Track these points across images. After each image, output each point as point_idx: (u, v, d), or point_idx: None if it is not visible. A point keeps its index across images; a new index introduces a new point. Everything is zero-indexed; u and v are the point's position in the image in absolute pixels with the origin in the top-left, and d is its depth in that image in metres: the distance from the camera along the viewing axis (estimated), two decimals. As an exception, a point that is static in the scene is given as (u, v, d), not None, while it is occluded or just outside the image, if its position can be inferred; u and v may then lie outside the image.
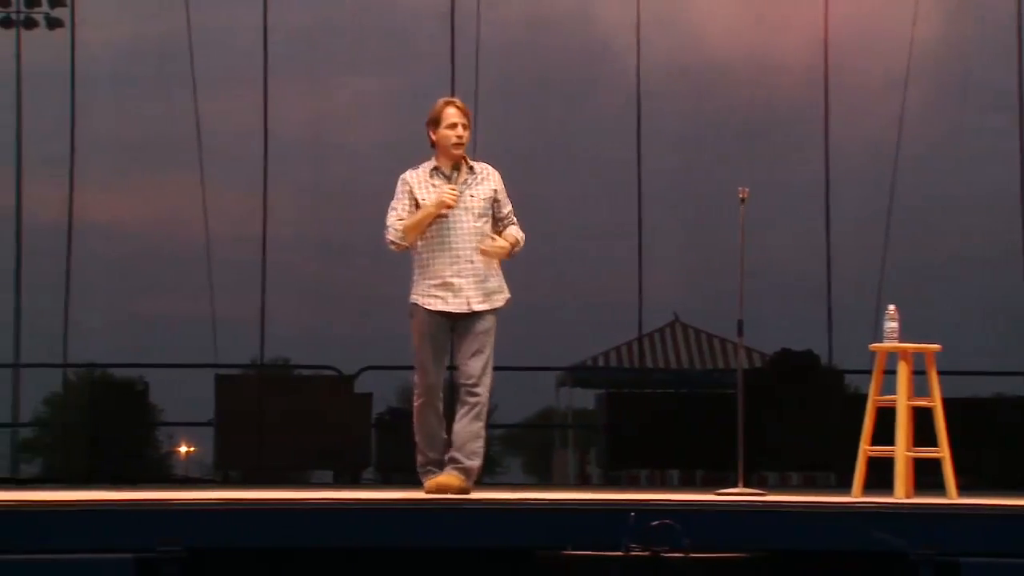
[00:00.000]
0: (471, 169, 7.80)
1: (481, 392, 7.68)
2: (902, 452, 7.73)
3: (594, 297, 15.10)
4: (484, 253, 7.71)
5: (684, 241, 14.95)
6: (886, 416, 7.83)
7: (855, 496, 7.72)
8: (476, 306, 7.71)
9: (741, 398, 8.31)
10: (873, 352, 7.95)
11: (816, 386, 13.85)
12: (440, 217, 7.66)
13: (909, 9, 14.58)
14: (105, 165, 14.85)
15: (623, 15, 14.69)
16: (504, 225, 7.85)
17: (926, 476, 8.07)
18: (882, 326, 7.92)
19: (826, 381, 14.14)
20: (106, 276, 14.73)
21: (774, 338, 14.22)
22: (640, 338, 15.74)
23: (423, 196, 7.70)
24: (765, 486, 11.17)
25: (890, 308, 7.93)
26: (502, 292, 7.80)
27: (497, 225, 7.82)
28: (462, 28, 14.55)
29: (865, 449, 7.85)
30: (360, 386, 14.03)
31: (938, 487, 7.84)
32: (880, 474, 7.92)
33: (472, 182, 7.77)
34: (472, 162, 7.84)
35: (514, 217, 7.88)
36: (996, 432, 13.08)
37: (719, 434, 9.39)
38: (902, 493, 7.68)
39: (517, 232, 7.86)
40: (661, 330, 17.39)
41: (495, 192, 7.82)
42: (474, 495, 7.47)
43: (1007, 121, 14.66)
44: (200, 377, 13.98)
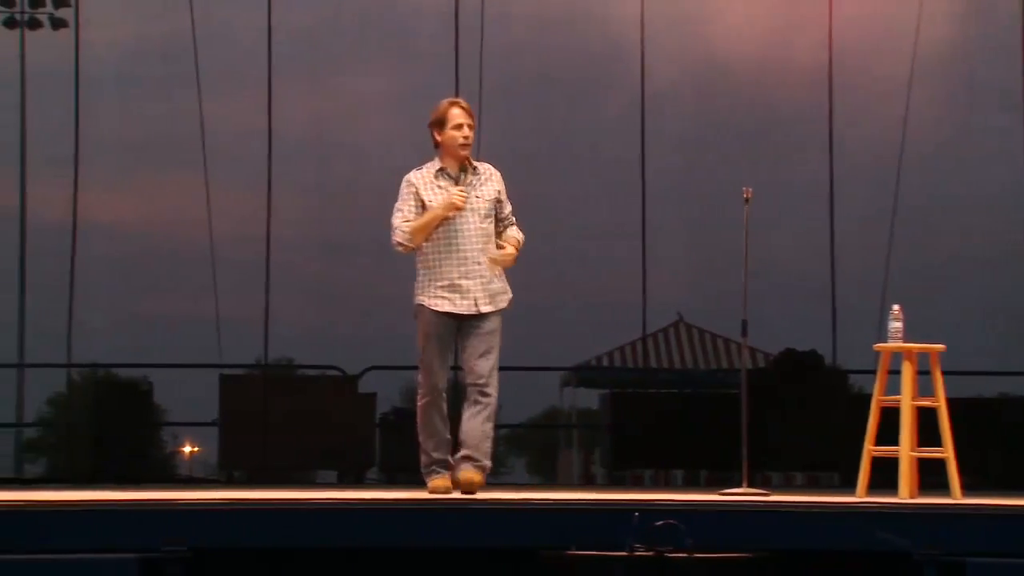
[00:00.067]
0: (475, 170, 7.79)
1: (492, 392, 7.68)
2: (906, 452, 7.73)
3: (598, 297, 15.08)
4: (495, 263, 7.72)
5: (688, 241, 14.94)
6: (890, 416, 7.82)
7: (859, 496, 7.71)
8: (483, 308, 7.70)
9: (745, 398, 8.31)
10: (877, 352, 7.95)
11: (820, 386, 13.85)
12: (447, 218, 7.66)
13: (914, 9, 14.57)
14: (109, 165, 14.84)
15: (628, 15, 14.68)
16: (504, 226, 7.84)
17: (930, 476, 8.07)
18: (886, 326, 7.91)
19: (830, 381, 14.15)
20: (110, 276, 14.73)
21: (778, 338, 14.22)
22: (644, 338, 15.73)
23: (429, 197, 7.68)
24: (769, 486, 11.17)
25: (894, 308, 7.92)
26: (506, 293, 7.81)
27: (497, 226, 7.81)
28: (466, 27, 14.55)
29: (869, 449, 7.85)
30: (364, 386, 14.04)
31: (942, 487, 7.84)
32: (884, 474, 7.91)
33: (477, 183, 7.76)
34: (475, 162, 7.83)
35: (513, 217, 7.89)
36: (1001, 432, 13.08)
37: (723, 434, 9.39)
38: (906, 493, 7.68)
39: (517, 233, 7.85)
40: (665, 330, 17.36)
41: (499, 193, 7.81)
42: (478, 495, 7.47)
43: (1012, 121, 14.64)
44: (204, 377, 13.99)
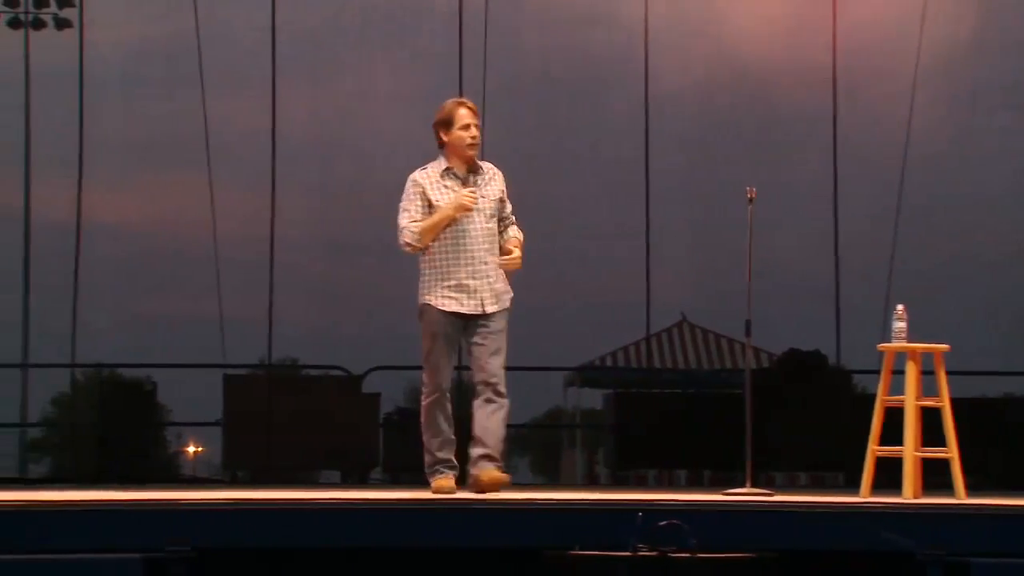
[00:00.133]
0: (480, 170, 7.80)
1: (505, 392, 7.69)
2: (910, 452, 7.72)
3: (601, 297, 15.08)
4: (504, 267, 7.73)
5: (692, 241, 14.93)
6: (894, 416, 7.81)
7: (863, 496, 7.71)
8: (489, 308, 7.71)
9: (749, 398, 8.30)
10: (881, 352, 7.94)
11: (824, 386, 13.85)
12: (454, 219, 7.65)
13: (917, 10, 14.56)
14: (113, 165, 14.85)
15: (632, 15, 14.68)
16: (505, 225, 7.85)
17: (934, 476, 8.06)
18: (890, 326, 7.90)
19: (834, 381, 14.15)
20: (114, 276, 14.73)
21: (782, 338, 14.21)
22: (648, 338, 15.73)
23: (436, 197, 7.67)
24: (773, 486, 11.16)
25: (898, 308, 7.91)
26: (508, 292, 7.82)
27: (499, 225, 7.82)
28: (469, 27, 14.55)
29: (873, 449, 7.84)
30: (368, 386, 14.04)
31: (946, 487, 7.83)
32: (888, 474, 7.90)
33: (482, 183, 7.76)
34: (479, 162, 7.83)
35: (513, 216, 7.90)
36: (1005, 432, 13.07)
37: (727, 434, 9.38)
38: (910, 493, 7.67)
39: (518, 232, 7.87)
40: (669, 330, 17.35)
41: (502, 192, 7.82)
42: (480, 495, 7.47)
43: (1016, 121, 14.64)
44: (208, 377, 14.00)
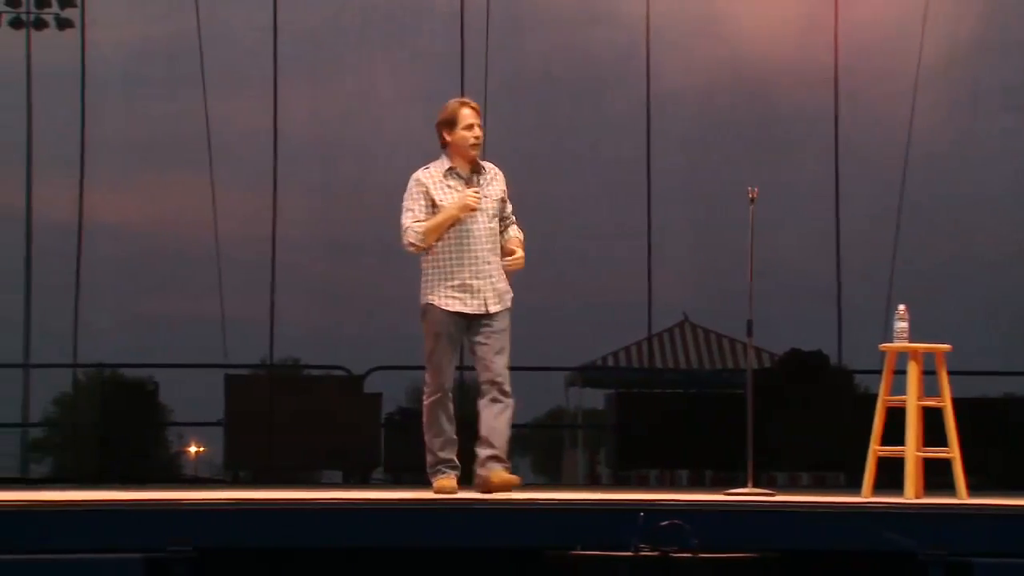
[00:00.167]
0: (483, 169, 7.80)
1: (510, 391, 7.70)
2: (912, 452, 7.72)
3: (603, 297, 15.08)
4: (508, 267, 7.74)
5: (694, 241, 14.93)
6: (896, 416, 7.81)
7: (865, 496, 7.71)
8: (492, 307, 7.72)
9: (750, 398, 8.30)
10: (883, 352, 7.94)
11: (826, 386, 13.85)
12: (458, 219, 7.66)
13: (919, 10, 14.56)
14: (115, 165, 14.85)
15: (634, 15, 14.68)
16: (505, 225, 7.86)
17: (936, 476, 8.05)
18: (892, 326, 7.90)
19: (836, 381, 14.14)
20: (116, 276, 14.73)
21: (784, 338, 14.21)
22: (649, 338, 15.73)
23: (440, 197, 7.66)
24: (774, 486, 11.16)
25: (900, 308, 7.91)
26: (509, 292, 7.83)
27: (499, 225, 7.83)
28: (471, 27, 14.55)
29: (875, 449, 7.84)
30: (370, 386, 14.04)
31: (948, 487, 7.83)
32: (890, 474, 7.90)
33: (484, 183, 7.77)
34: (480, 162, 7.83)
35: (513, 216, 7.91)
36: (1006, 432, 13.06)
37: (728, 434, 9.38)
38: (912, 493, 7.67)
39: (518, 232, 7.89)
40: (670, 330, 17.35)
41: (503, 192, 7.83)
42: (483, 495, 7.46)
43: (1017, 121, 14.63)
44: (210, 377, 14.00)
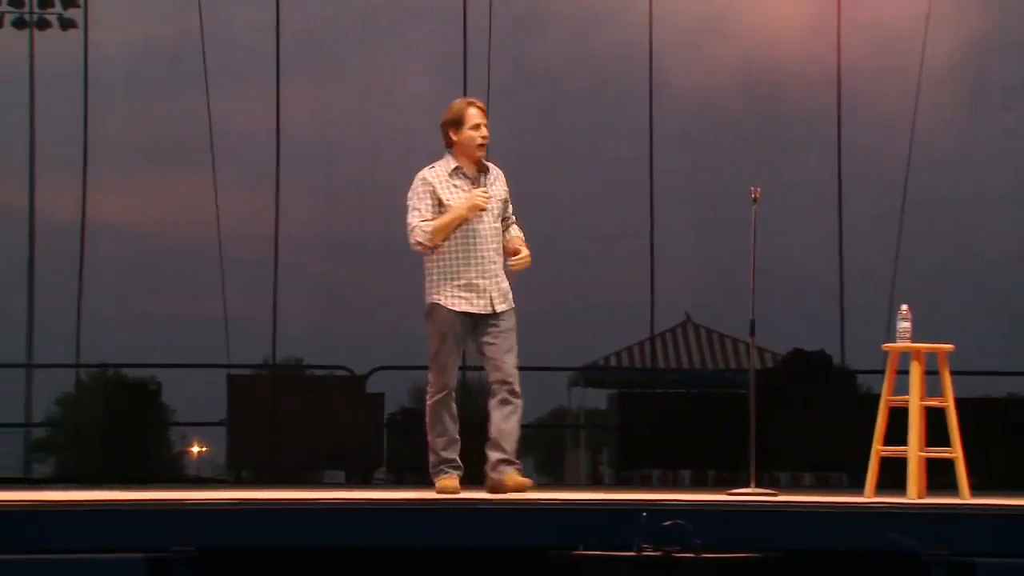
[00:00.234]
0: (488, 169, 7.81)
1: (520, 392, 7.72)
2: (915, 452, 7.71)
3: (605, 297, 15.09)
4: (516, 267, 7.75)
5: (696, 241, 14.93)
6: (899, 416, 7.81)
7: (867, 496, 7.70)
8: (499, 307, 7.72)
9: (753, 398, 8.30)
10: (886, 352, 7.93)
11: (828, 386, 13.84)
12: (465, 219, 7.67)
13: (922, 10, 14.55)
14: (117, 165, 14.86)
15: (636, 15, 14.68)
16: (506, 225, 7.86)
17: (939, 476, 8.05)
18: (895, 326, 7.90)
19: (838, 381, 14.14)
20: (118, 276, 14.74)
21: (786, 338, 14.21)
22: (652, 338, 15.73)
23: (446, 197, 7.66)
24: (777, 486, 11.16)
25: (903, 308, 7.91)
26: (510, 292, 7.84)
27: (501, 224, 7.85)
28: (474, 27, 14.55)
29: (878, 449, 7.83)
30: (372, 386, 14.05)
31: (951, 487, 7.83)
32: (893, 474, 7.90)
33: (489, 182, 7.78)
34: (484, 162, 7.84)
35: (513, 216, 7.92)
36: (1009, 432, 13.06)
37: (731, 434, 9.39)
38: (915, 493, 7.67)
39: (519, 232, 7.89)
40: (673, 330, 17.36)
41: (506, 192, 7.83)
42: (485, 495, 7.47)
43: (1019, 122, 14.63)
44: (212, 377, 14.00)
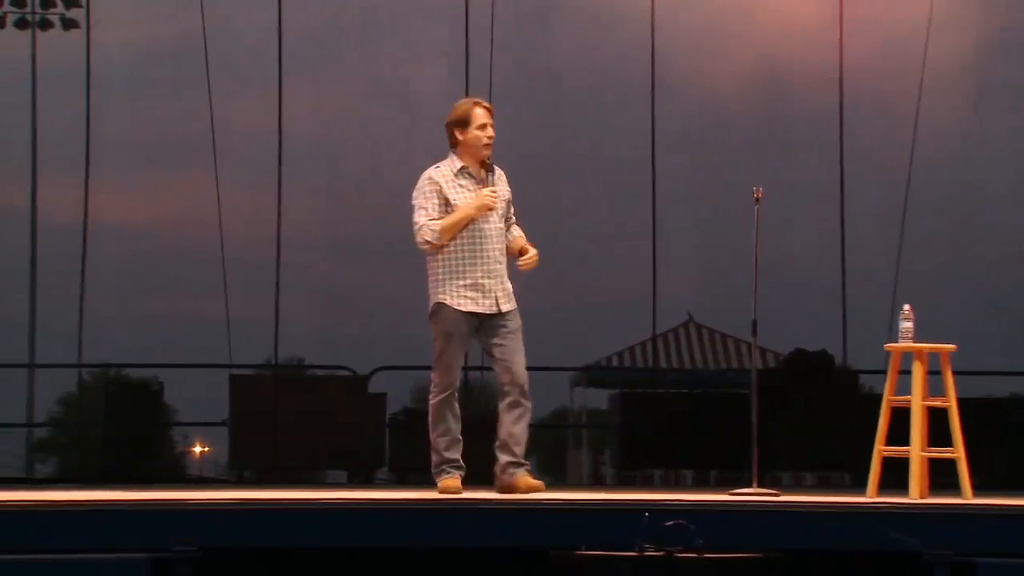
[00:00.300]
0: (493, 169, 7.81)
1: (529, 393, 7.72)
2: (917, 452, 7.72)
3: (607, 297, 15.08)
4: (525, 267, 7.75)
5: (698, 241, 14.92)
6: (901, 416, 7.81)
7: (870, 496, 7.70)
8: (503, 306, 7.74)
9: (755, 398, 8.30)
10: (888, 352, 7.94)
11: (830, 386, 13.84)
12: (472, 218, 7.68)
13: (925, 9, 14.54)
14: (120, 166, 14.86)
15: (638, 14, 14.67)
16: (508, 225, 7.88)
17: (941, 476, 8.05)
18: (897, 326, 7.90)
19: (841, 381, 14.13)
20: (120, 276, 14.74)
21: (788, 338, 14.20)
22: (654, 338, 15.72)
23: (453, 196, 7.68)
24: (779, 486, 11.15)
25: (905, 308, 7.91)
26: (512, 292, 7.85)
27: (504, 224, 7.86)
28: (476, 27, 14.55)
29: (880, 449, 7.83)
30: (374, 386, 14.04)
31: (953, 487, 7.83)
32: (895, 474, 7.90)
33: (494, 182, 7.79)
34: (488, 162, 7.85)
35: (514, 216, 7.93)
36: (1011, 432, 13.05)
37: (733, 434, 9.39)
38: (917, 493, 7.67)
39: (520, 232, 7.91)
40: (675, 330, 17.36)
41: (509, 193, 7.85)
42: (488, 495, 7.47)
43: (1022, 121, 14.62)
44: (214, 377, 14.00)
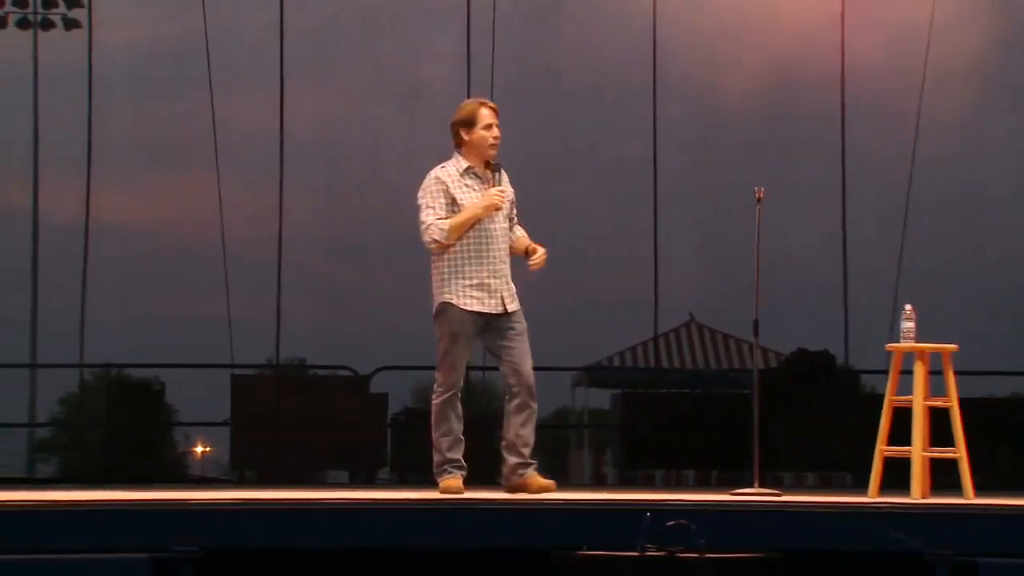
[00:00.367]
0: (499, 169, 7.82)
1: (536, 395, 7.73)
2: (918, 452, 7.72)
3: (609, 297, 15.07)
4: (535, 266, 7.76)
5: (700, 241, 14.92)
6: (902, 416, 7.81)
7: (871, 496, 7.70)
8: (509, 306, 7.74)
9: (757, 398, 8.30)
10: (889, 352, 7.94)
11: (832, 386, 13.84)
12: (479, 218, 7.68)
13: (927, 9, 14.54)
14: (121, 166, 14.85)
15: (639, 13, 14.67)
16: (511, 225, 7.88)
17: (943, 476, 8.05)
18: (899, 326, 7.90)
19: (842, 381, 14.13)
20: (122, 276, 14.74)
21: (790, 338, 14.20)
22: (655, 338, 15.71)
23: (459, 196, 7.69)
24: (780, 486, 11.15)
25: (907, 308, 7.91)
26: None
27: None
28: (477, 27, 14.55)
29: (881, 449, 7.84)
30: (375, 386, 14.05)
31: (954, 487, 7.83)
32: (896, 474, 7.90)
33: (499, 182, 7.80)
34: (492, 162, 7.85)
35: (515, 216, 7.94)
36: (1013, 432, 13.05)
37: (734, 434, 9.38)
38: (918, 493, 7.67)
39: (523, 232, 7.92)
40: (676, 330, 17.34)
41: (513, 193, 7.85)
42: (489, 495, 7.47)
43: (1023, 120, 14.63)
44: (216, 377, 14.00)
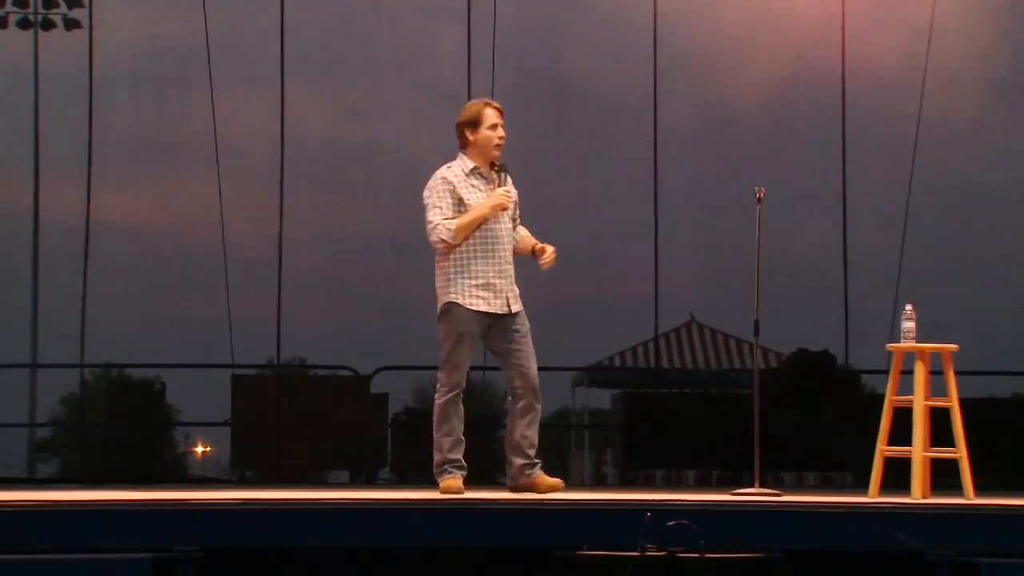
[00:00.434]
0: (505, 169, 7.83)
1: (541, 396, 7.74)
2: (919, 452, 7.72)
3: (610, 297, 15.07)
4: (546, 265, 7.77)
5: (701, 241, 14.91)
6: (903, 416, 7.81)
7: (871, 496, 7.71)
8: (514, 307, 7.76)
9: (757, 398, 8.30)
10: (890, 352, 7.94)
11: (832, 386, 13.84)
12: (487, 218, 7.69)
13: (928, 9, 14.54)
14: (122, 165, 14.85)
15: (640, 13, 14.67)
16: (515, 225, 7.89)
17: (943, 476, 8.06)
18: (899, 326, 7.91)
19: (843, 381, 14.13)
20: (123, 276, 14.74)
21: (791, 338, 14.20)
22: (656, 338, 15.71)
23: (466, 196, 7.70)
24: (781, 486, 11.17)
25: (907, 308, 7.91)
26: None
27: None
28: (478, 27, 14.55)
29: (882, 449, 7.84)
30: (376, 386, 14.05)
31: (955, 487, 7.83)
32: (897, 474, 7.90)
33: (504, 182, 7.80)
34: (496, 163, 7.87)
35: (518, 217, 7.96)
36: (1013, 432, 13.05)
37: (735, 434, 9.39)
38: (919, 493, 7.67)
39: (527, 232, 7.92)
40: (677, 330, 17.34)
41: (517, 193, 7.87)
42: (489, 495, 7.47)
43: (1024, 120, 14.64)
44: (217, 377, 14.00)
